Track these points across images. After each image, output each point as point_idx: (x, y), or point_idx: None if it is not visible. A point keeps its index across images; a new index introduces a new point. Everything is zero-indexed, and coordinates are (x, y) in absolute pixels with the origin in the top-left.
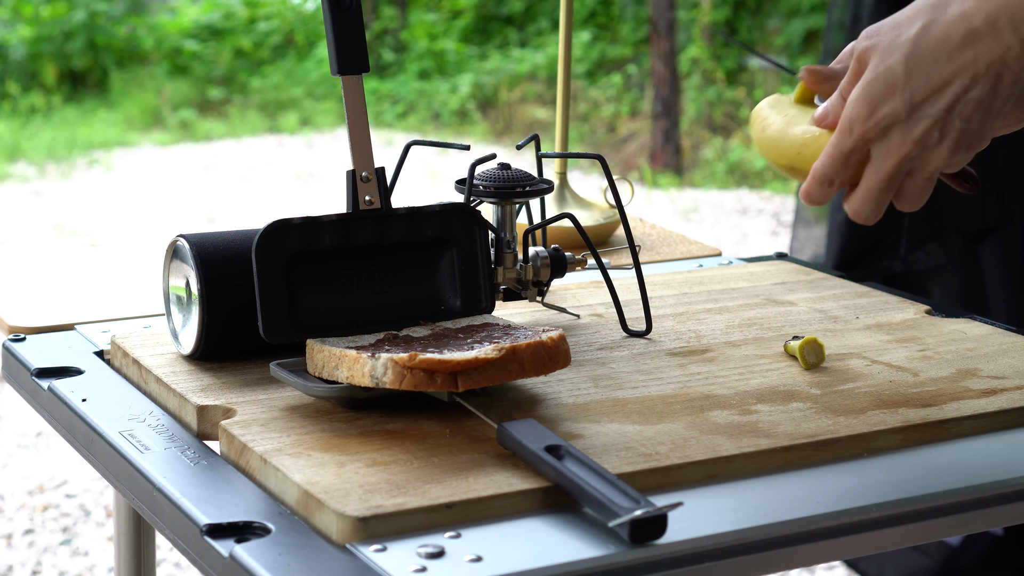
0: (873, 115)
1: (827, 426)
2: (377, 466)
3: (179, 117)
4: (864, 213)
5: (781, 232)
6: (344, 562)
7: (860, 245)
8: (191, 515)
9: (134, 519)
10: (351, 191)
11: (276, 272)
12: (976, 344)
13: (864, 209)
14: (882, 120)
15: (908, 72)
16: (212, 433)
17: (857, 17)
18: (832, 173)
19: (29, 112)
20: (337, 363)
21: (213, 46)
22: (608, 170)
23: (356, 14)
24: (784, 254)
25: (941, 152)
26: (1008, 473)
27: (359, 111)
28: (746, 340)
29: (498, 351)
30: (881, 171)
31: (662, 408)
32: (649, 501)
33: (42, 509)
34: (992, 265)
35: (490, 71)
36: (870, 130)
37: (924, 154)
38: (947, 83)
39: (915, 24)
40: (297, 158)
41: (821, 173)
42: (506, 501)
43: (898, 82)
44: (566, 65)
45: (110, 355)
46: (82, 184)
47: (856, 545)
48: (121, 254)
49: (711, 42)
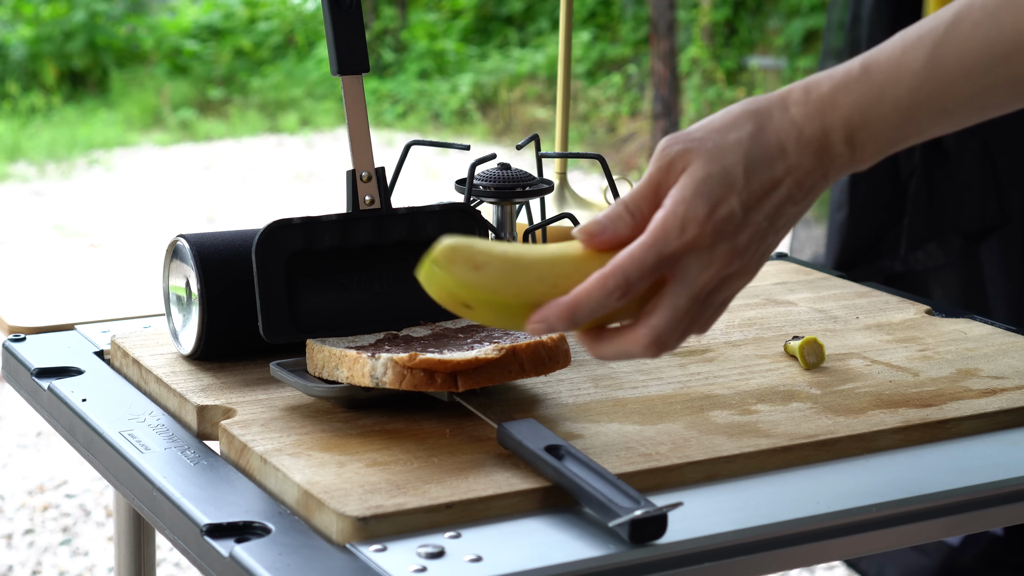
0: (712, 216)
1: (827, 426)
2: (377, 466)
3: (179, 117)
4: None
5: None
6: (344, 562)
7: (860, 245)
8: (191, 515)
9: (134, 519)
10: (351, 191)
11: (276, 272)
12: (976, 344)
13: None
14: (719, 222)
15: (747, 173)
16: (212, 433)
17: (857, 17)
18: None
19: (29, 112)
20: (337, 363)
21: (213, 46)
22: (608, 170)
23: (356, 14)
24: (784, 254)
25: (750, 270)
26: (1008, 473)
27: (359, 111)
28: (746, 340)
29: (498, 351)
30: (694, 287)
31: (662, 408)
32: (649, 501)
33: (42, 509)
34: (992, 265)
35: (490, 71)
36: (706, 233)
37: (738, 269)
38: (775, 188)
39: (743, 128)
40: (297, 158)
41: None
42: (506, 501)
43: (736, 183)
44: (566, 65)
45: (110, 355)
46: (82, 184)
47: (856, 545)
48: (121, 254)
49: (711, 42)
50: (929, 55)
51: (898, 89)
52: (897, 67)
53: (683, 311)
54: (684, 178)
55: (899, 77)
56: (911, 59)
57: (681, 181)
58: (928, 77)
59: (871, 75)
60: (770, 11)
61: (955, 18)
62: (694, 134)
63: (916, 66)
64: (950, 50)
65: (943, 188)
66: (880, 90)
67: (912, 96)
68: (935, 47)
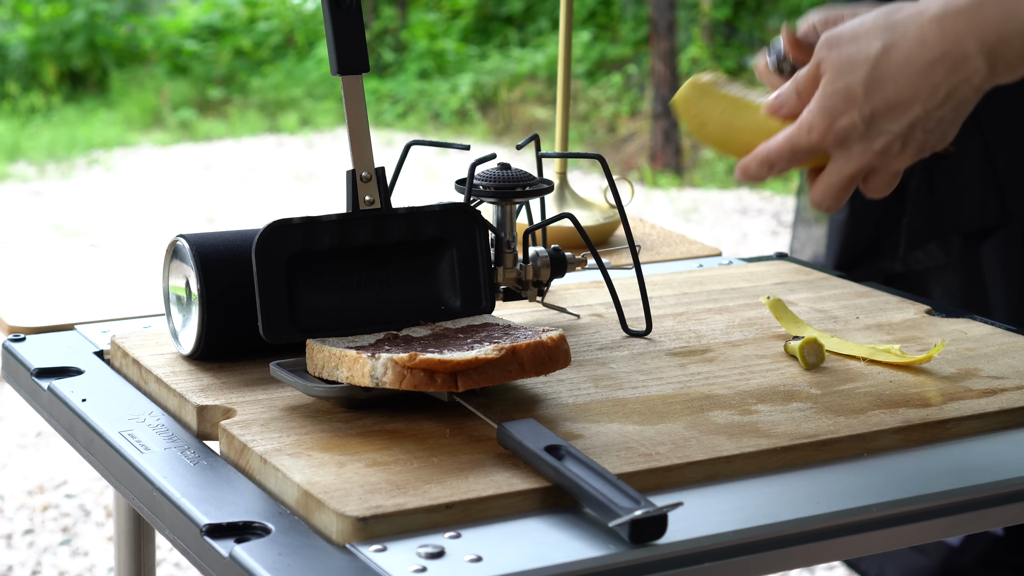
0: (831, 127)
1: (827, 426)
2: (377, 466)
3: (179, 117)
4: (826, 205)
5: (781, 232)
6: (344, 562)
7: (860, 245)
8: (191, 515)
9: (134, 519)
10: (351, 191)
11: (276, 272)
12: (976, 344)
13: (826, 202)
14: (840, 132)
15: (868, 91)
16: (212, 433)
17: None
18: (778, 161)
19: (29, 112)
20: (337, 363)
21: (213, 46)
22: (608, 170)
23: (356, 14)
24: (784, 254)
25: (904, 158)
26: (1008, 473)
27: (359, 111)
28: (746, 340)
29: (498, 351)
30: (843, 172)
31: (662, 408)
32: (649, 501)
33: (42, 509)
34: (992, 265)
35: (490, 71)
36: (828, 138)
37: (886, 160)
38: (908, 104)
39: (874, 43)
40: (297, 158)
41: (766, 157)
42: (506, 501)
43: (857, 99)
44: (566, 65)
45: (110, 355)
46: (82, 184)
47: (856, 545)
48: (121, 254)
49: (711, 42)
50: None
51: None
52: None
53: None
54: (821, 86)
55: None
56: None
57: (819, 88)
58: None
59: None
60: (770, 11)
61: None
62: (842, 38)
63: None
64: None
65: (943, 188)
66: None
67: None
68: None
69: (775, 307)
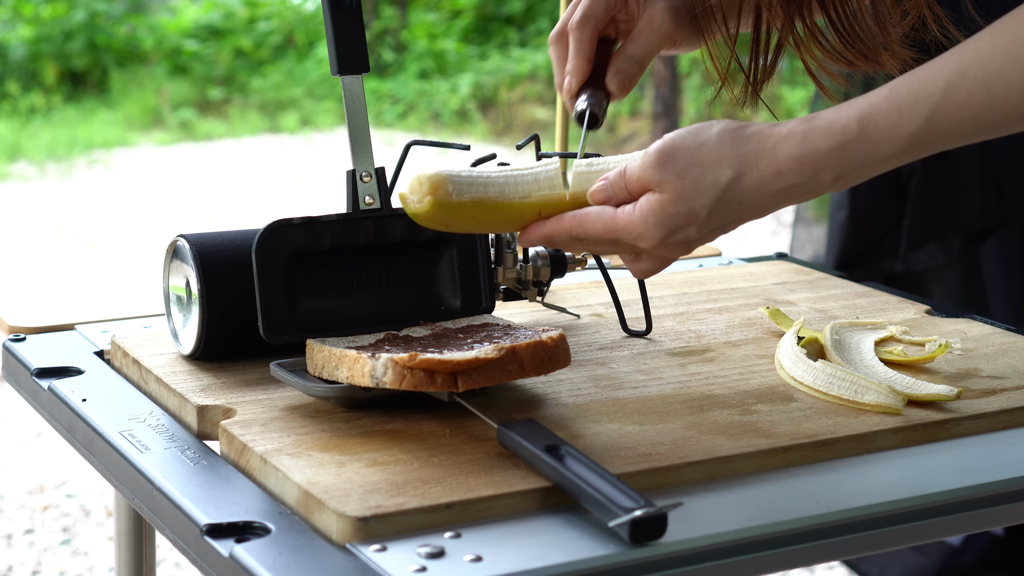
0: (664, 240)
1: (827, 426)
2: (377, 466)
3: (179, 117)
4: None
5: (781, 232)
6: (344, 562)
7: (860, 245)
8: (191, 515)
9: (134, 519)
10: (351, 191)
11: (276, 272)
12: (976, 344)
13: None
14: (672, 243)
15: (711, 214)
16: (212, 433)
17: None
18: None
19: (29, 112)
20: (337, 363)
21: (213, 46)
22: None
23: (356, 14)
24: (784, 254)
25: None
26: (1008, 473)
27: (359, 111)
28: (746, 340)
29: (498, 351)
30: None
31: (662, 408)
32: (649, 501)
33: (42, 509)
34: (992, 265)
35: (490, 71)
36: (657, 248)
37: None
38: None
39: (723, 172)
40: (297, 158)
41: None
42: (506, 501)
43: (698, 219)
44: None
45: (110, 355)
46: (82, 184)
47: (856, 545)
48: (121, 254)
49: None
50: (926, 120)
51: (893, 147)
52: (894, 129)
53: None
54: (660, 199)
55: (895, 138)
56: (908, 122)
57: (658, 199)
58: (922, 138)
59: (868, 136)
60: None
61: (948, 86)
62: (680, 161)
63: (912, 128)
64: (944, 114)
65: (943, 188)
66: (875, 148)
67: (904, 152)
68: (932, 113)
69: (775, 315)
